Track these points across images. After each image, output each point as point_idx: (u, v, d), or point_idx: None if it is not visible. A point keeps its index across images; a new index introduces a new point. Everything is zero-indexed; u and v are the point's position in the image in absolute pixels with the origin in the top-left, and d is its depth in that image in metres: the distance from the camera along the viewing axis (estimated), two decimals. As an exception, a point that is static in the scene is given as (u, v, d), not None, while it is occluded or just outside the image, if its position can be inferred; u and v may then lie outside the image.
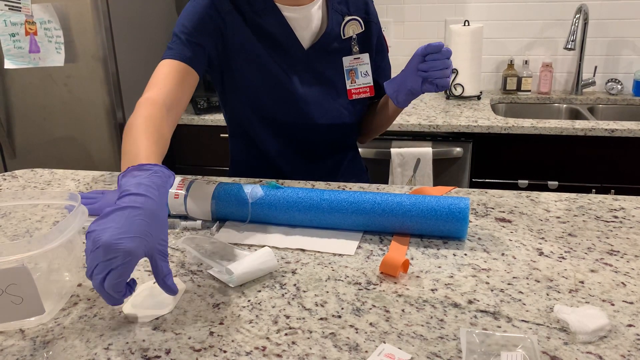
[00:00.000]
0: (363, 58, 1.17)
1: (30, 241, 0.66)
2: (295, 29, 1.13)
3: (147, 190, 0.69)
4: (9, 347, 0.65)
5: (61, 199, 0.81)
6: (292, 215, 0.91)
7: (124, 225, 0.64)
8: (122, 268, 0.63)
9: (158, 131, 0.89)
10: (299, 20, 1.13)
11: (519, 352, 0.60)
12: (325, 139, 1.21)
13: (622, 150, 1.92)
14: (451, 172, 2.06)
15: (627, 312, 0.69)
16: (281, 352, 0.63)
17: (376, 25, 1.23)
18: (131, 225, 0.65)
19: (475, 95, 2.35)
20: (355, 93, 1.18)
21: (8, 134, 2.12)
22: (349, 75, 1.18)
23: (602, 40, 2.38)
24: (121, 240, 0.63)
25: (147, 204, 0.67)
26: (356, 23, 1.16)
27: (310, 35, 1.15)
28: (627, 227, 0.91)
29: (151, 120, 0.89)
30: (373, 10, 1.23)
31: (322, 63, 1.16)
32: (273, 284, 0.77)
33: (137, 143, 0.83)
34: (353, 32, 1.16)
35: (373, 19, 1.22)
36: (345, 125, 1.21)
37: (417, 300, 0.72)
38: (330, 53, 1.16)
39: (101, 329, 0.68)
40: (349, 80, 1.18)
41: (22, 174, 1.25)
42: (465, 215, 0.84)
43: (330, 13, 1.15)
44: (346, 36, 1.16)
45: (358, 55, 1.17)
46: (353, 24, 1.16)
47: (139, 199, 0.67)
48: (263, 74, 1.13)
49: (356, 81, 1.18)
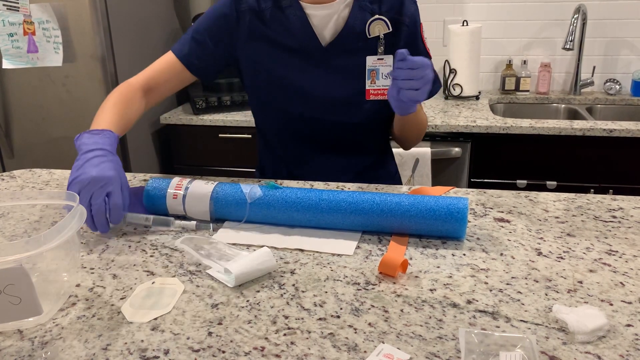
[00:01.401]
0: (387, 60, 1.13)
1: (29, 241, 0.66)
2: (316, 26, 1.13)
3: (103, 144, 0.93)
4: (7, 348, 0.65)
5: (59, 199, 0.81)
6: (291, 215, 0.91)
7: (99, 165, 0.88)
8: (115, 189, 0.87)
9: (125, 107, 1.08)
10: (321, 17, 1.13)
11: (518, 352, 0.60)
12: (334, 137, 1.20)
13: (620, 150, 1.93)
14: (450, 172, 2.06)
15: (625, 312, 0.69)
16: (280, 352, 0.63)
17: (409, 27, 1.17)
18: (104, 164, 0.88)
19: (473, 96, 2.35)
20: (373, 94, 1.15)
21: (6, 134, 2.12)
22: (369, 75, 1.15)
23: (601, 41, 2.39)
24: (105, 172, 0.87)
25: (107, 154, 0.91)
26: (382, 23, 1.13)
27: (332, 33, 1.15)
28: (626, 227, 0.91)
29: (121, 97, 1.09)
30: (410, 11, 1.17)
31: (341, 61, 1.15)
32: (272, 284, 0.77)
33: (102, 115, 1.04)
34: (379, 31, 1.14)
35: (406, 21, 1.17)
36: (355, 125, 1.19)
37: (415, 301, 0.72)
38: (352, 51, 1.15)
39: (99, 329, 0.68)
40: (369, 80, 1.15)
41: (20, 174, 1.25)
42: (464, 215, 0.84)
43: (354, 10, 1.14)
44: (372, 35, 1.14)
45: (382, 56, 1.14)
46: (379, 23, 1.13)
47: (99, 152, 0.91)
48: (276, 67, 1.15)
49: (376, 82, 1.15)
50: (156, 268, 0.82)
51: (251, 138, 2.19)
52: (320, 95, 1.16)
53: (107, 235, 0.92)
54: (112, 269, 0.82)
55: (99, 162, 0.88)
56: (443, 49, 2.52)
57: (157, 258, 0.85)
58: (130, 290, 0.76)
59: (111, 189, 0.87)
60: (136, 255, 0.86)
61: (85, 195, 0.85)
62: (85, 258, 0.86)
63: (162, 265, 0.82)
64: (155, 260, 0.84)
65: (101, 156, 0.90)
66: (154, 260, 0.84)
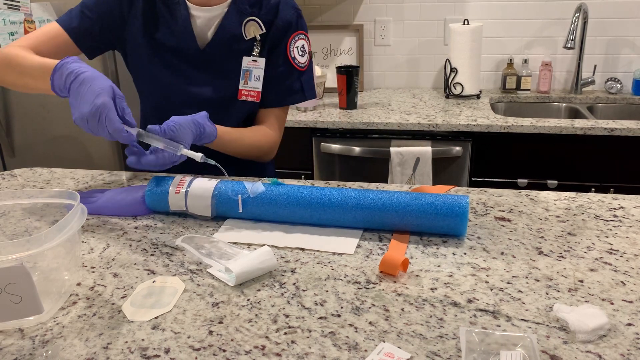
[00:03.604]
0: (259, 62, 1.16)
1: (30, 240, 0.66)
2: (198, 27, 1.14)
3: (82, 66, 0.92)
4: (8, 347, 0.65)
5: (60, 198, 0.81)
6: (293, 211, 0.91)
7: (86, 95, 0.87)
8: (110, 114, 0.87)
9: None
10: (204, 19, 1.14)
11: (519, 351, 0.60)
12: None
13: (621, 149, 1.92)
14: (450, 171, 2.06)
15: (626, 311, 0.69)
16: (280, 351, 0.63)
17: (279, 31, 1.17)
18: (91, 93, 0.87)
19: (474, 95, 2.35)
20: (245, 94, 1.17)
21: (7, 133, 2.12)
22: (243, 75, 1.16)
23: (602, 39, 2.38)
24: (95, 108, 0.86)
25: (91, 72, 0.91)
26: (256, 24, 1.14)
27: (212, 35, 1.16)
28: (627, 226, 0.91)
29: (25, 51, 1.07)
30: (286, 17, 1.17)
31: (217, 61, 1.16)
32: (272, 283, 0.77)
33: (33, 58, 1.02)
34: (254, 32, 1.15)
35: (279, 24, 1.17)
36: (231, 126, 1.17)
37: (416, 299, 0.72)
38: (229, 53, 1.16)
39: (100, 328, 0.68)
40: (243, 81, 1.16)
41: (21, 173, 1.25)
42: (465, 210, 0.84)
43: (232, 13, 1.15)
44: (248, 37, 1.15)
45: (256, 58, 1.16)
46: (253, 24, 1.14)
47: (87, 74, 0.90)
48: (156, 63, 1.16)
49: (248, 83, 1.16)
50: (157, 267, 0.82)
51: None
52: (197, 96, 1.16)
53: (108, 235, 0.93)
54: (112, 267, 0.82)
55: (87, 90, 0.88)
56: (444, 47, 2.52)
57: (157, 257, 0.85)
58: (131, 289, 0.76)
59: (105, 117, 0.87)
60: (137, 254, 0.86)
61: (94, 130, 0.88)
62: (86, 257, 0.86)
63: (162, 264, 0.83)
64: (155, 259, 0.84)
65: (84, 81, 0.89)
66: (155, 259, 0.84)
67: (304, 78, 1.24)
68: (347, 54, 2.54)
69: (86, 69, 0.91)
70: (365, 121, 2.05)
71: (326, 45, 2.54)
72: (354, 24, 2.55)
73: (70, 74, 0.90)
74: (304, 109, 2.22)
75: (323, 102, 2.38)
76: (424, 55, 2.55)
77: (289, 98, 1.24)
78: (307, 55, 1.23)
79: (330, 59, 2.55)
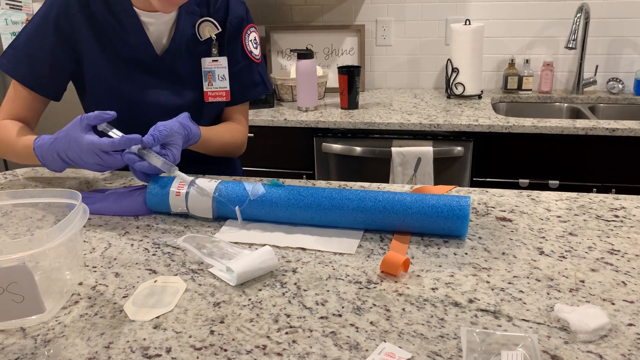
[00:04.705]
0: (221, 61, 1.14)
1: (31, 240, 0.66)
2: (152, 34, 1.12)
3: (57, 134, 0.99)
4: (10, 346, 0.65)
5: (62, 198, 0.81)
6: (294, 212, 0.91)
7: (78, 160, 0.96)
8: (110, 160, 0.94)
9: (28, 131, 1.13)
10: (157, 25, 1.11)
11: (520, 351, 0.60)
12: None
13: (623, 149, 1.92)
14: (452, 171, 2.06)
15: (627, 311, 0.69)
16: (282, 350, 0.63)
17: (233, 27, 1.17)
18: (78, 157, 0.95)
19: (476, 95, 2.35)
20: (211, 96, 1.16)
21: (9, 133, 2.12)
22: (206, 77, 1.15)
23: (603, 39, 2.38)
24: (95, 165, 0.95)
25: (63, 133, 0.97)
26: (210, 24, 1.13)
27: (167, 41, 1.13)
28: (628, 227, 0.91)
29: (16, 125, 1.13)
30: (237, 12, 1.17)
31: (178, 67, 1.14)
32: (274, 283, 0.77)
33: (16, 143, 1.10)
34: (209, 33, 1.14)
35: (233, 21, 1.16)
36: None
37: (417, 299, 0.72)
38: (188, 56, 1.14)
39: (102, 327, 0.68)
40: (206, 82, 1.15)
41: (23, 173, 1.26)
42: (466, 212, 0.84)
43: (182, 16, 1.12)
44: (204, 38, 1.14)
45: (216, 57, 1.14)
46: (207, 25, 1.13)
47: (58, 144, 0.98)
48: (112, 76, 1.12)
49: (213, 84, 1.15)
50: (158, 266, 0.82)
51: (253, 137, 2.19)
52: (162, 104, 1.14)
53: (110, 235, 0.93)
54: (114, 267, 0.82)
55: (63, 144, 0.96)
56: (445, 47, 2.52)
57: (159, 256, 0.85)
58: (132, 288, 0.76)
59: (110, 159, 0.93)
60: (138, 253, 0.86)
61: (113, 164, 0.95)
62: (88, 256, 0.86)
63: (164, 264, 0.83)
64: (157, 258, 0.84)
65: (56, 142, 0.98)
66: (156, 258, 0.84)
67: (261, 69, 1.25)
68: (349, 54, 2.54)
69: (52, 138, 0.99)
70: (366, 121, 2.05)
71: (327, 46, 2.55)
72: (355, 24, 2.55)
73: (51, 154, 0.99)
74: (305, 109, 2.22)
75: (324, 102, 2.38)
76: (425, 55, 2.55)
77: (253, 91, 1.24)
78: (259, 46, 1.25)
79: (332, 59, 2.55)
